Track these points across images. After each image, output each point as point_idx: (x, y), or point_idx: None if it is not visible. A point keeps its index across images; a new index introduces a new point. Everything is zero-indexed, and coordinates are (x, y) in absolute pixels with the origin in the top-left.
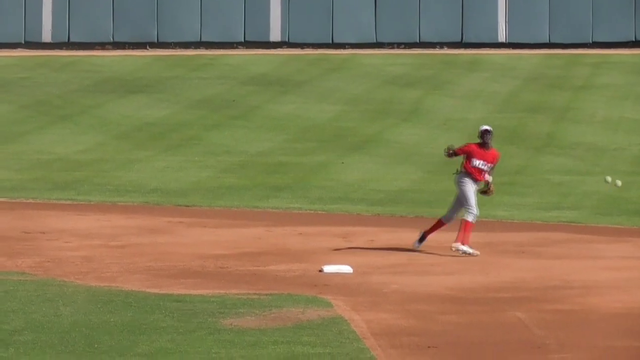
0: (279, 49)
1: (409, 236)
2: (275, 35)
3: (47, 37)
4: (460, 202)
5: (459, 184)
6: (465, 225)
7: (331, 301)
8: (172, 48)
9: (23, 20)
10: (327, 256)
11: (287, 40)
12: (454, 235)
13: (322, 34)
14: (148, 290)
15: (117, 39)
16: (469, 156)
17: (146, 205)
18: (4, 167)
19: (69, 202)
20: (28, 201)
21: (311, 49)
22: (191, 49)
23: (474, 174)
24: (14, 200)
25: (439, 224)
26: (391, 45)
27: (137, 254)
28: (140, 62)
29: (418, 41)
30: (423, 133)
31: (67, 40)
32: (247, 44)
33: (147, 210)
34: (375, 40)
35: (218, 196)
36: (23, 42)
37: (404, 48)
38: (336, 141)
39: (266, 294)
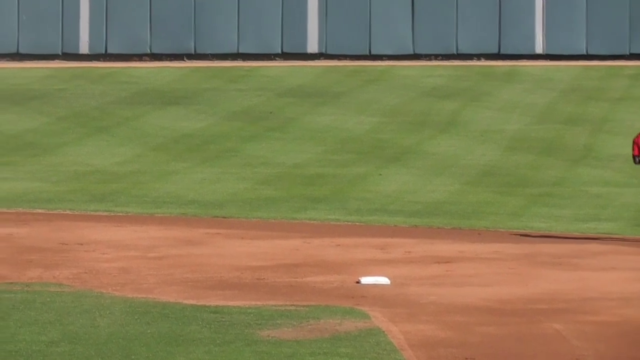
0: (316, 60)
1: (446, 248)
2: (312, 46)
3: (84, 48)
4: None
5: None
6: None
7: (368, 312)
8: (210, 60)
9: (60, 31)
10: (365, 267)
11: (324, 51)
12: (486, 246)
13: (360, 46)
14: (185, 301)
15: (154, 51)
16: None
17: (183, 216)
18: (41, 179)
19: (106, 213)
20: (65, 213)
21: (348, 61)
22: (228, 61)
23: None
24: (51, 212)
25: None
26: (428, 56)
27: (174, 265)
28: (178, 73)
29: (455, 53)
30: (460, 144)
31: (104, 52)
32: (285, 56)
33: (185, 222)
34: (412, 52)
35: (255, 208)
36: (60, 53)
37: (441, 60)
38: (374, 153)
39: (303, 306)
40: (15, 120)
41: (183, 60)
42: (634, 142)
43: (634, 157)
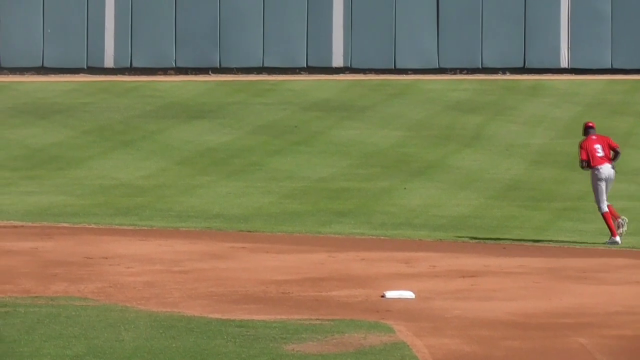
0: (341, 74)
1: (471, 262)
2: (337, 60)
3: (109, 62)
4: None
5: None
6: None
7: (393, 327)
8: (235, 73)
9: (85, 45)
10: (389, 281)
11: (349, 65)
12: (511, 260)
13: (385, 60)
14: (210, 315)
15: (179, 65)
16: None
17: (208, 230)
18: (66, 193)
19: (130, 227)
20: (90, 226)
21: (373, 75)
22: (253, 75)
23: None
24: (76, 226)
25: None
26: (453, 70)
27: (199, 279)
28: (203, 87)
29: (480, 67)
30: (485, 159)
31: (129, 66)
32: (310, 70)
33: (210, 236)
34: (437, 66)
35: (280, 222)
36: (85, 67)
37: (466, 73)
38: (398, 167)
39: (328, 320)
40: (41, 134)
41: (208, 74)
42: (580, 147)
43: (581, 161)
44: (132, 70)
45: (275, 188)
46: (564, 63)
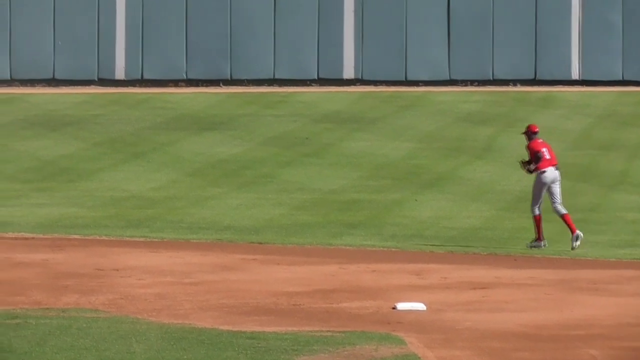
0: (352, 86)
1: (482, 273)
2: (348, 72)
3: (120, 74)
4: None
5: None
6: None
7: (404, 338)
8: (245, 85)
9: (96, 57)
10: (401, 293)
11: (360, 77)
12: (522, 272)
13: (396, 71)
14: (221, 327)
15: (190, 77)
16: None
17: (219, 242)
18: (77, 205)
19: (142, 239)
20: (101, 238)
21: (384, 86)
22: (264, 86)
23: None
24: (87, 238)
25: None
26: (464, 82)
27: (210, 291)
28: (214, 99)
29: (491, 78)
30: (496, 170)
31: (140, 78)
32: (321, 81)
33: (221, 248)
34: (448, 78)
35: (291, 233)
36: (96, 79)
37: (477, 85)
38: (409, 178)
39: (339, 331)
40: (52, 145)
41: (219, 85)
42: (530, 148)
43: (533, 160)
44: (143, 82)
45: (286, 200)
46: (575, 75)
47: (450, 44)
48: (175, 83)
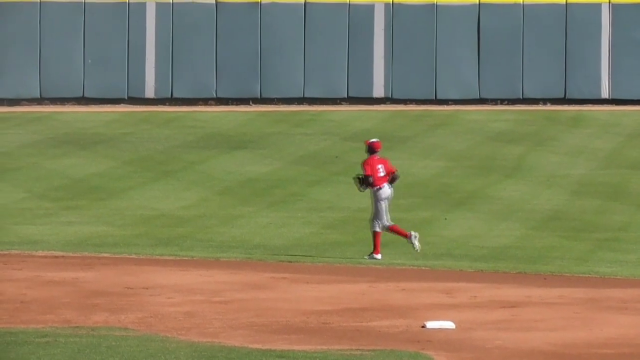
0: (382, 104)
1: (512, 292)
2: (378, 91)
3: (150, 93)
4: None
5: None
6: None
7: (434, 357)
8: (275, 104)
9: (126, 75)
10: (430, 312)
11: (390, 96)
12: (552, 291)
13: (426, 90)
14: (251, 345)
15: (220, 95)
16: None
17: (249, 261)
18: (107, 223)
19: (171, 257)
20: (131, 257)
21: (414, 105)
22: (294, 105)
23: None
24: (117, 256)
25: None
26: (494, 101)
27: (240, 309)
28: (243, 117)
29: (521, 97)
30: (526, 189)
31: (170, 96)
32: (350, 100)
33: (250, 266)
34: (478, 97)
35: (321, 252)
36: (126, 97)
37: (507, 104)
38: (439, 197)
39: (369, 350)
40: (81, 164)
41: (249, 104)
42: (365, 164)
43: (366, 177)
44: (172, 100)
45: (316, 218)
46: (605, 94)
47: (480, 62)
48: (205, 101)
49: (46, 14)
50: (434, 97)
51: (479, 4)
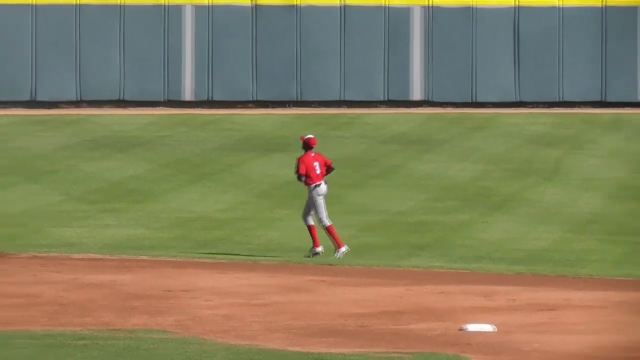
0: (420, 107)
1: (550, 295)
2: (416, 94)
3: (188, 95)
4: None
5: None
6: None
7: None
8: (314, 107)
9: (164, 78)
10: (469, 315)
11: (428, 99)
12: (591, 294)
13: (464, 93)
14: (289, 348)
15: (258, 98)
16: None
17: (287, 264)
18: (144, 226)
19: (209, 260)
20: (169, 259)
21: (452, 108)
22: (332, 108)
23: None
24: (154, 259)
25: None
26: (532, 104)
27: (278, 312)
28: (281, 120)
29: (559, 100)
30: (564, 192)
31: (207, 99)
32: (389, 103)
33: (288, 269)
34: (516, 100)
35: (359, 255)
36: (164, 100)
37: (545, 107)
38: (477, 200)
39: (407, 353)
40: (119, 167)
41: (287, 107)
42: (300, 162)
43: (300, 175)
44: (211, 103)
45: (354, 221)
46: None
47: (518, 65)
48: (243, 104)
49: (84, 16)
50: (472, 100)
51: (517, 7)
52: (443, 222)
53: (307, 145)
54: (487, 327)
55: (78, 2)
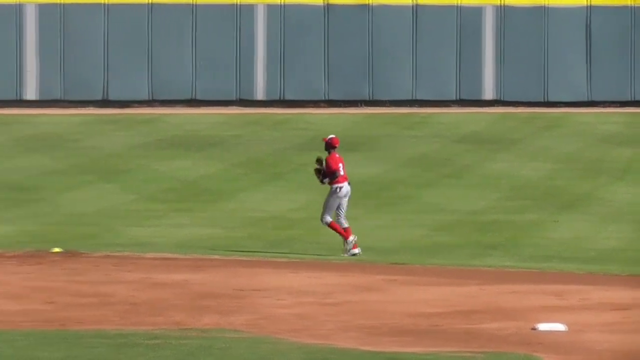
0: (492, 107)
1: (622, 295)
2: (488, 93)
3: (260, 94)
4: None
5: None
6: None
7: (544, 359)
8: (385, 106)
9: (236, 77)
10: (540, 314)
11: (500, 98)
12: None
13: (535, 93)
14: (362, 347)
15: (330, 97)
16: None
17: (359, 263)
18: (217, 225)
19: (282, 259)
20: (241, 259)
21: (524, 107)
22: (404, 107)
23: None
24: (227, 258)
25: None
26: (604, 103)
27: (350, 311)
28: (353, 120)
29: (631, 99)
30: (636, 192)
31: (279, 98)
32: (461, 102)
33: (360, 268)
34: (588, 99)
35: (431, 254)
36: (236, 99)
37: (617, 106)
38: (548, 199)
39: (479, 352)
40: (192, 166)
41: (359, 106)
42: (329, 160)
43: (334, 171)
44: (283, 102)
45: (426, 221)
46: None
47: (590, 65)
48: (315, 104)
49: (156, 15)
50: (543, 100)
51: (589, 6)
52: (514, 221)
53: (331, 146)
54: (559, 327)
55: (150, 1)
